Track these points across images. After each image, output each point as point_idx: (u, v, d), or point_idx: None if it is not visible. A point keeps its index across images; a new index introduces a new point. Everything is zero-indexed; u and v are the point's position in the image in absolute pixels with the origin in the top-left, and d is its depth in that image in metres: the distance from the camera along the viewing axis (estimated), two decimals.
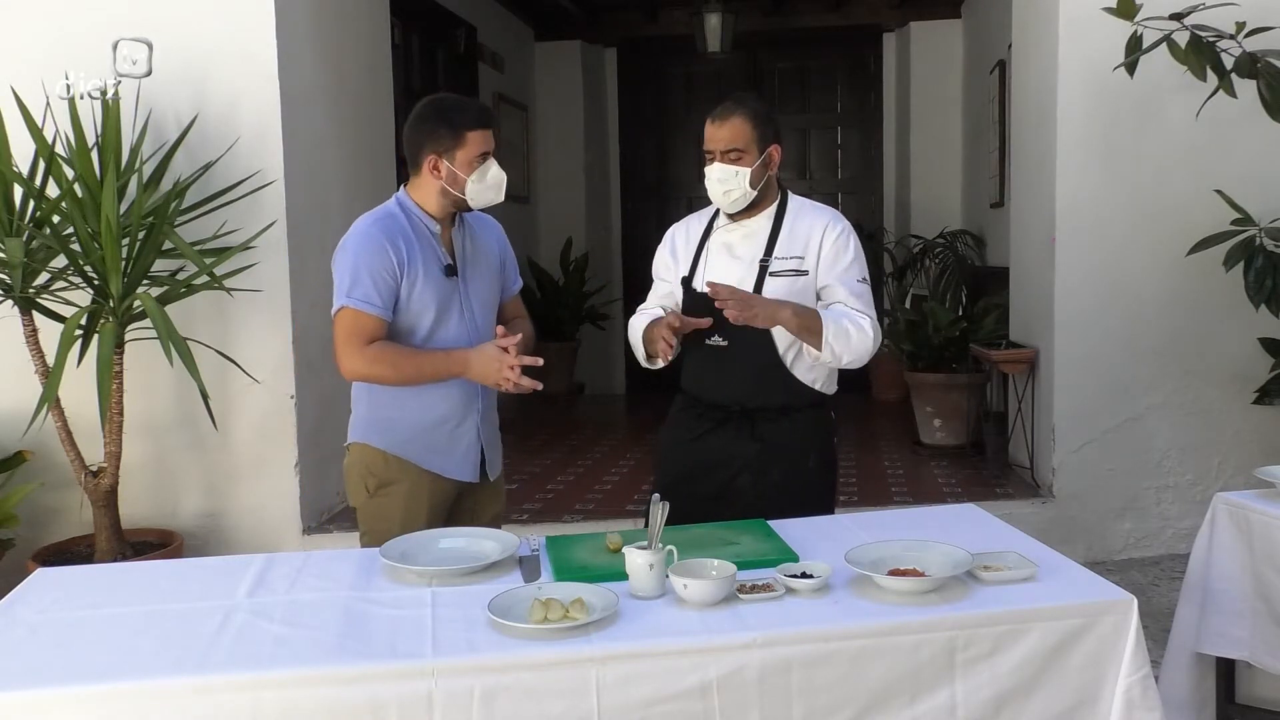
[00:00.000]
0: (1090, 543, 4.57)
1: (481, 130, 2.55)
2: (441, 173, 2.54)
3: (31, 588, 2.16)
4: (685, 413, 2.77)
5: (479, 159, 2.54)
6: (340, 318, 2.52)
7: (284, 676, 1.71)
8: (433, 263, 2.57)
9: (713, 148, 2.61)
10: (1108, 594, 1.95)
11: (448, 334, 2.59)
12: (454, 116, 2.55)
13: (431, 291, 2.55)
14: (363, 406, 2.66)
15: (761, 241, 2.66)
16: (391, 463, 2.60)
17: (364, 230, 2.54)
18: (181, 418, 4.18)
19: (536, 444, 6.25)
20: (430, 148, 2.54)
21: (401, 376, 2.55)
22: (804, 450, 2.69)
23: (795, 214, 2.69)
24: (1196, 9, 3.67)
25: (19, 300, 3.68)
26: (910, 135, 8.10)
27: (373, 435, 2.63)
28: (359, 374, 2.56)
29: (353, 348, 2.50)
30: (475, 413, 2.66)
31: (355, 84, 4.80)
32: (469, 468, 2.68)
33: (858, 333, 2.56)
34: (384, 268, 2.49)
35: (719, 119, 2.61)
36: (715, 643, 1.79)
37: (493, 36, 7.42)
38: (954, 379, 5.75)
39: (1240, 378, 4.48)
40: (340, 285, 2.52)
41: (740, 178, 2.59)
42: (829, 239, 2.64)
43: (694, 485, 2.64)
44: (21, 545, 3.93)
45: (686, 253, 2.76)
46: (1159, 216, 4.46)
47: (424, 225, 2.59)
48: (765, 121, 2.62)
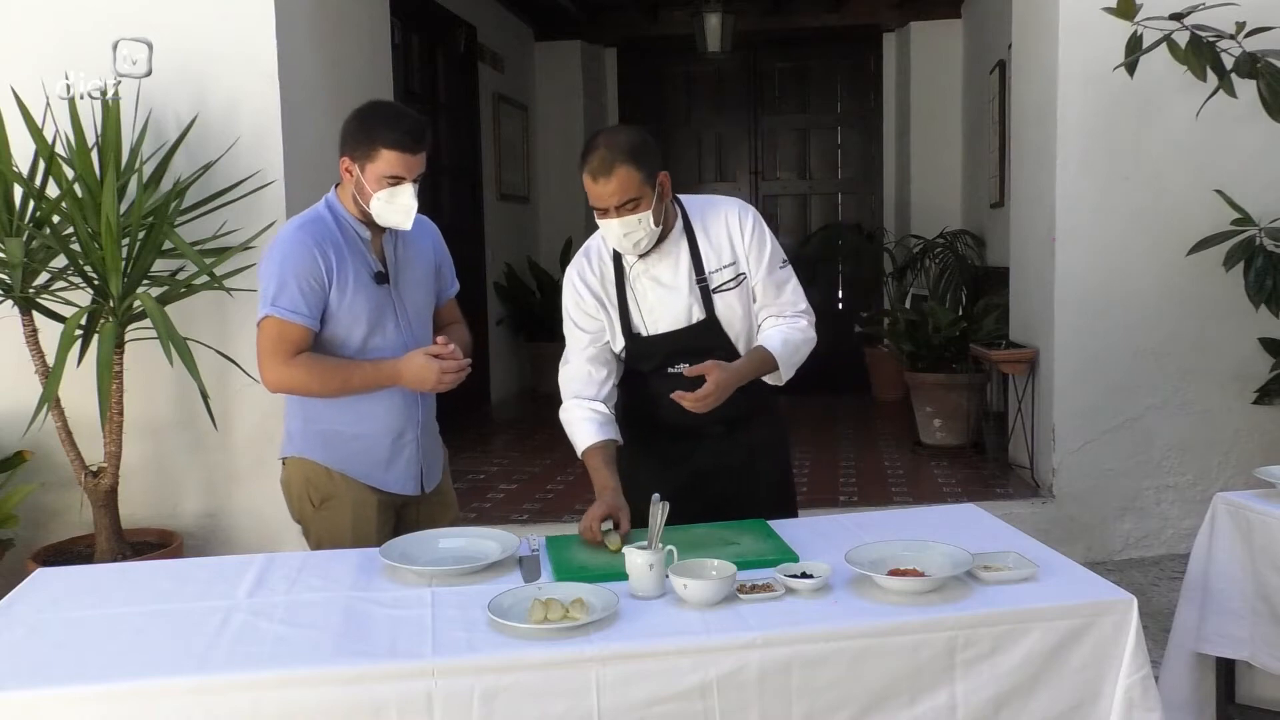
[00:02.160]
0: (1090, 543, 4.57)
1: (400, 152, 2.41)
2: (352, 177, 2.47)
3: (31, 588, 2.16)
4: (653, 436, 2.61)
5: (389, 180, 2.42)
6: (264, 327, 2.44)
7: (284, 676, 1.71)
8: (363, 270, 2.49)
9: (604, 204, 2.37)
10: (1108, 594, 1.95)
11: (384, 343, 2.52)
12: (376, 129, 2.43)
13: (363, 300, 2.48)
14: (297, 420, 2.58)
15: (686, 263, 2.51)
16: (335, 478, 2.54)
17: (291, 235, 2.46)
18: (181, 418, 4.18)
19: (536, 444, 6.25)
20: (346, 149, 2.47)
21: (327, 389, 2.48)
22: (780, 445, 2.72)
23: (702, 220, 2.54)
24: (1196, 9, 3.67)
25: (19, 300, 3.68)
26: (910, 135, 8.10)
27: (311, 449, 2.55)
28: (283, 386, 2.48)
29: (277, 359, 2.43)
30: (415, 424, 2.60)
31: (355, 84, 4.80)
32: (410, 481, 2.63)
33: (799, 335, 2.53)
34: (311, 274, 2.41)
35: (600, 174, 2.34)
36: (715, 643, 1.79)
37: (493, 36, 7.42)
38: (954, 379, 5.75)
39: (1240, 378, 4.48)
40: (265, 293, 2.43)
41: (644, 223, 2.38)
42: (745, 233, 2.53)
43: (685, 504, 2.46)
44: (21, 545, 3.93)
45: (609, 298, 2.56)
46: (1159, 216, 4.46)
47: (353, 230, 2.51)
48: (647, 156, 2.38)
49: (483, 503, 4.95)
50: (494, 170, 7.36)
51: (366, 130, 2.45)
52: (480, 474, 5.49)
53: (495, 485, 5.31)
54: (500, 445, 6.34)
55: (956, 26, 7.85)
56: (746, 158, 8.72)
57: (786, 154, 8.79)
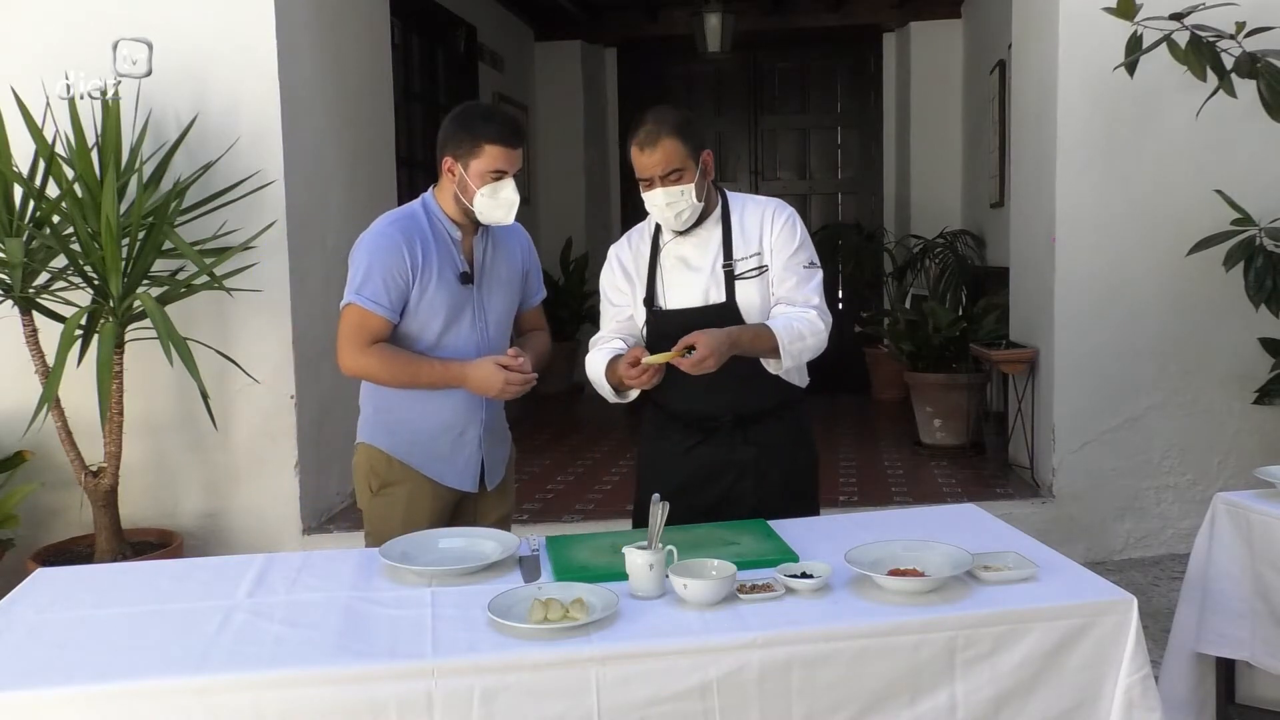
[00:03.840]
0: (1090, 543, 4.57)
1: (503, 147, 2.50)
2: (455, 177, 2.53)
3: (31, 588, 2.16)
4: (668, 426, 2.70)
5: (493, 175, 2.50)
6: (346, 313, 2.52)
7: (284, 676, 1.71)
8: (448, 268, 2.56)
9: (649, 174, 2.50)
10: (1108, 594, 1.95)
11: (458, 341, 2.58)
12: (477, 125, 2.51)
13: (444, 297, 2.54)
14: (369, 407, 2.66)
15: (716, 247, 2.59)
16: (395, 465, 2.61)
17: (382, 229, 2.54)
18: (181, 418, 4.18)
19: (536, 444, 6.25)
20: (449, 149, 2.53)
21: (396, 380, 2.55)
22: (796, 447, 2.70)
23: (741, 211, 2.63)
24: (1196, 9, 3.67)
25: (19, 300, 3.68)
26: (910, 135, 8.10)
27: (378, 437, 2.63)
28: (356, 372, 2.57)
29: (354, 345, 2.51)
30: (478, 422, 2.65)
31: (355, 84, 4.80)
32: (469, 478, 2.67)
33: (809, 328, 2.52)
34: (397, 269, 2.49)
35: (647, 145, 2.48)
36: (715, 643, 1.79)
37: (493, 36, 7.42)
38: (954, 379, 5.75)
39: (1240, 378, 4.48)
40: (352, 281, 2.52)
41: (687, 195, 2.50)
42: (776, 226, 2.59)
43: (691, 498, 2.55)
44: (21, 545, 3.94)
45: (639, 273, 2.67)
46: (1159, 216, 4.46)
47: (444, 229, 2.58)
48: (692, 132, 2.53)
49: None
50: None
51: (468, 128, 2.52)
52: None
53: None
54: None
55: (956, 26, 7.85)
56: (746, 158, 8.72)
57: (786, 154, 8.79)
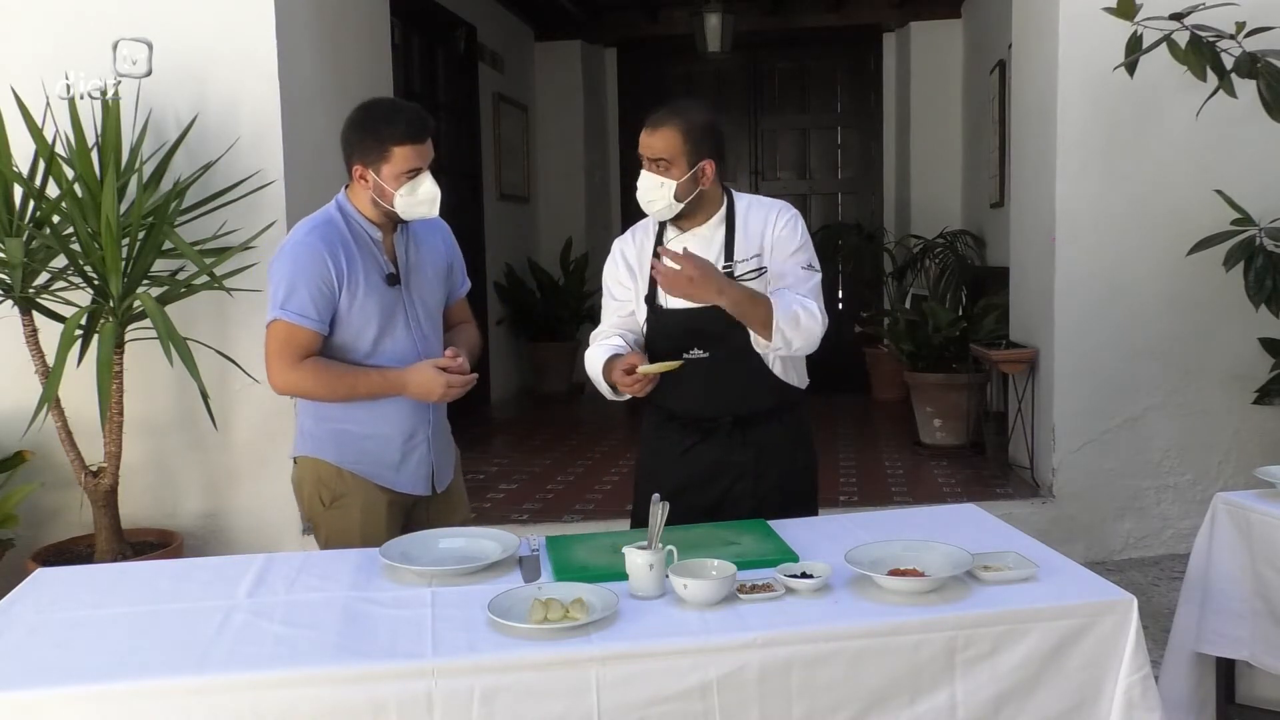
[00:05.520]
0: (1090, 543, 4.57)
1: (411, 145, 2.42)
2: (369, 183, 2.46)
3: (31, 588, 2.16)
4: (666, 426, 2.68)
5: (407, 175, 2.43)
6: (273, 330, 2.44)
7: (284, 676, 1.71)
8: (374, 271, 2.49)
9: (643, 153, 2.50)
10: (1108, 594, 1.95)
11: (394, 345, 2.53)
12: (381, 129, 2.43)
13: (374, 302, 2.48)
14: (309, 419, 2.58)
15: (718, 247, 2.57)
16: (345, 477, 2.55)
17: (301, 238, 2.45)
18: (181, 418, 4.18)
19: (536, 444, 6.25)
20: (357, 157, 2.46)
21: (333, 394, 2.49)
22: (795, 449, 2.69)
23: (746, 213, 2.60)
24: (1196, 9, 3.67)
25: (19, 300, 3.68)
26: (910, 135, 8.10)
27: (324, 449, 2.56)
28: (289, 389, 2.49)
29: (284, 362, 2.43)
30: (426, 424, 2.60)
31: (355, 84, 4.80)
32: (421, 481, 2.63)
33: (807, 317, 2.48)
34: (321, 278, 2.41)
35: (652, 125, 2.49)
36: (715, 643, 1.79)
37: (493, 36, 7.42)
38: (954, 379, 5.75)
39: (1240, 378, 4.48)
40: (274, 296, 2.43)
41: (665, 189, 2.48)
42: (777, 226, 2.57)
43: (690, 498, 2.54)
44: (21, 545, 3.93)
45: (642, 268, 2.64)
46: (1159, 216, 4.46)
47: (364, 231, 2.51)
48: (701, 134, 2.49)
49: (482, 503, 4.95)
50: (494, 170, 7.36)
51: (373, 133, 2.45)
52: (480, 474, 5.48)
53: (495, 485, 5.31)
54: (500, 445, 6.34)
55: (956, 26, 7.85)
56: (746, 158, 8.71)
57: (786, 154, 8.80)
